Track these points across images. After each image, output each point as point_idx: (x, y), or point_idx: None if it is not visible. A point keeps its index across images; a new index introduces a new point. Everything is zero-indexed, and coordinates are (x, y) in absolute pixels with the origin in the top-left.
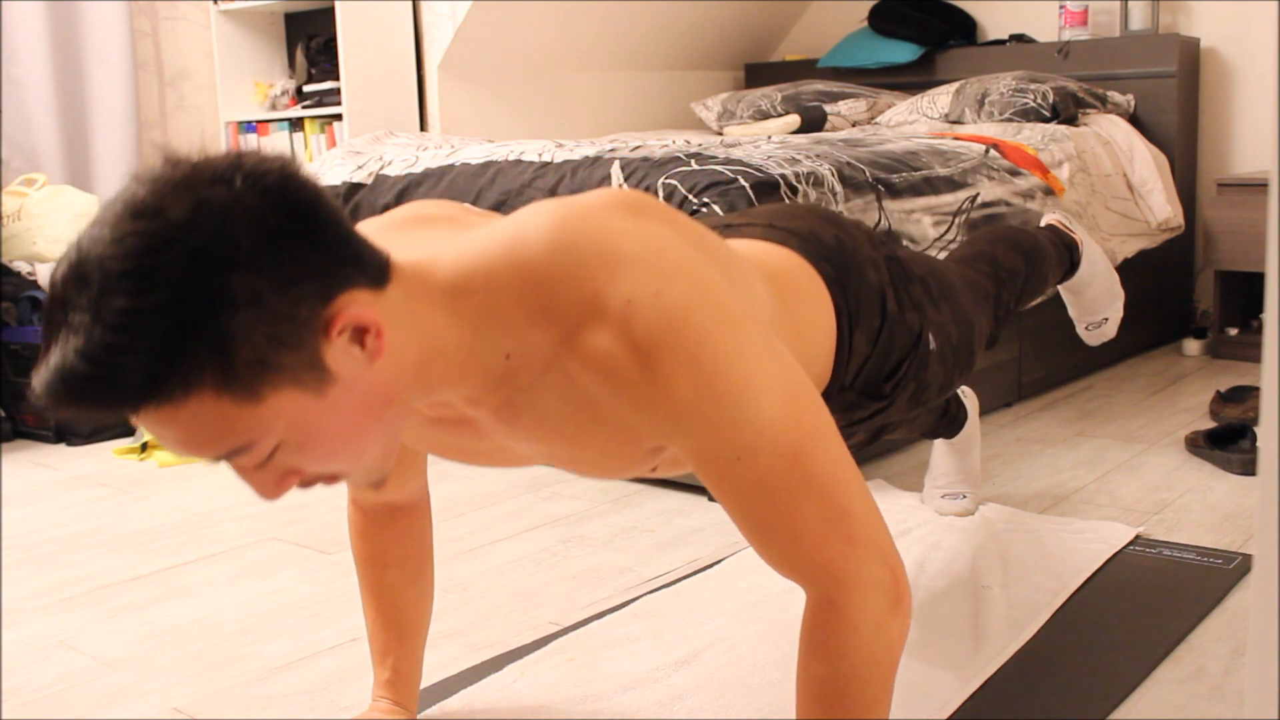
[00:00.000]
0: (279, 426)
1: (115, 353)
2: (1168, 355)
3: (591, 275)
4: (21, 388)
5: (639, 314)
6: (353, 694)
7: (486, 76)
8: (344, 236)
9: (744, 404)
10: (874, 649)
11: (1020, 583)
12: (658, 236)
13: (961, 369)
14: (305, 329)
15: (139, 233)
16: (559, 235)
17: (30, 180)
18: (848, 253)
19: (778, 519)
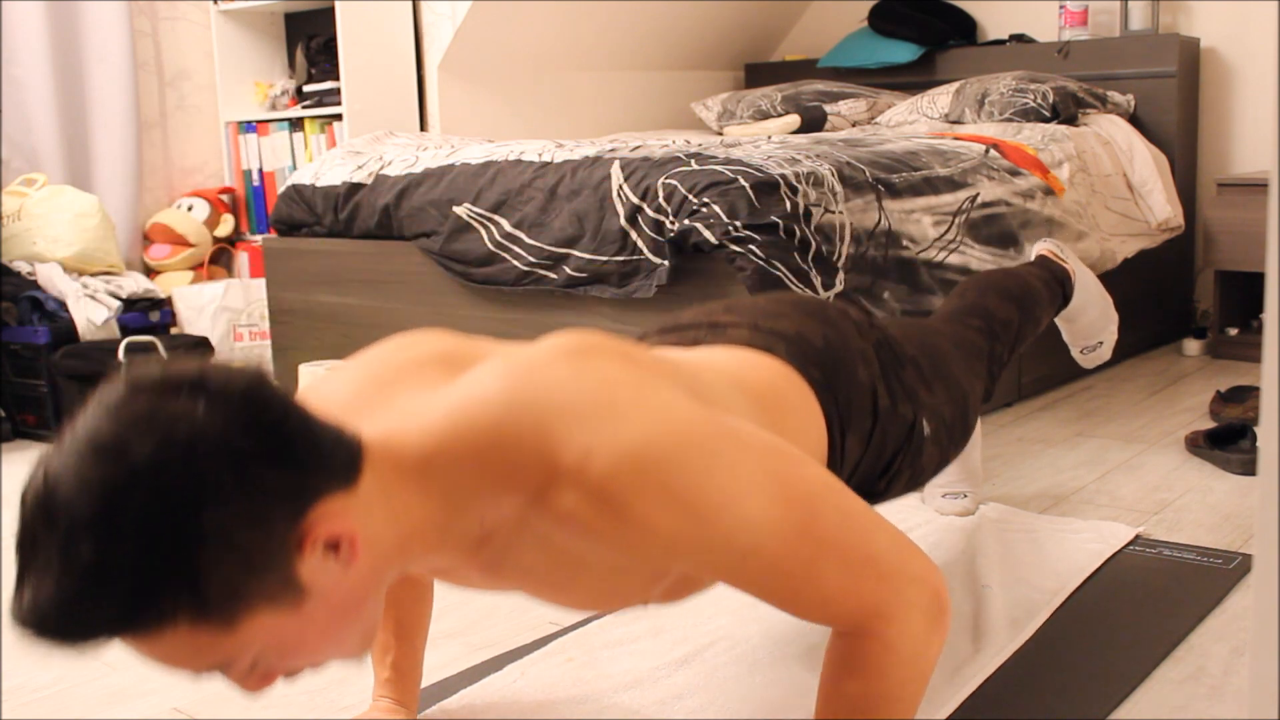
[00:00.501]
0: (256, 644)
1: (84, 600)
2: (1168, 355)
3: (547, 434)
4: (21, 388)
5: (598, 463)
6: (353, 694)
7: (486, 76)
8: (314, 443)
9: (730, 514)
10: (914, 667)
11: (1019, 582)
12: (608, 378)
13: (957, 444)
14: (277, 552)
15: (101, 476)
16: (511, 398)
17: (30, 180)
18: (836, 353)
19: (802, 591)
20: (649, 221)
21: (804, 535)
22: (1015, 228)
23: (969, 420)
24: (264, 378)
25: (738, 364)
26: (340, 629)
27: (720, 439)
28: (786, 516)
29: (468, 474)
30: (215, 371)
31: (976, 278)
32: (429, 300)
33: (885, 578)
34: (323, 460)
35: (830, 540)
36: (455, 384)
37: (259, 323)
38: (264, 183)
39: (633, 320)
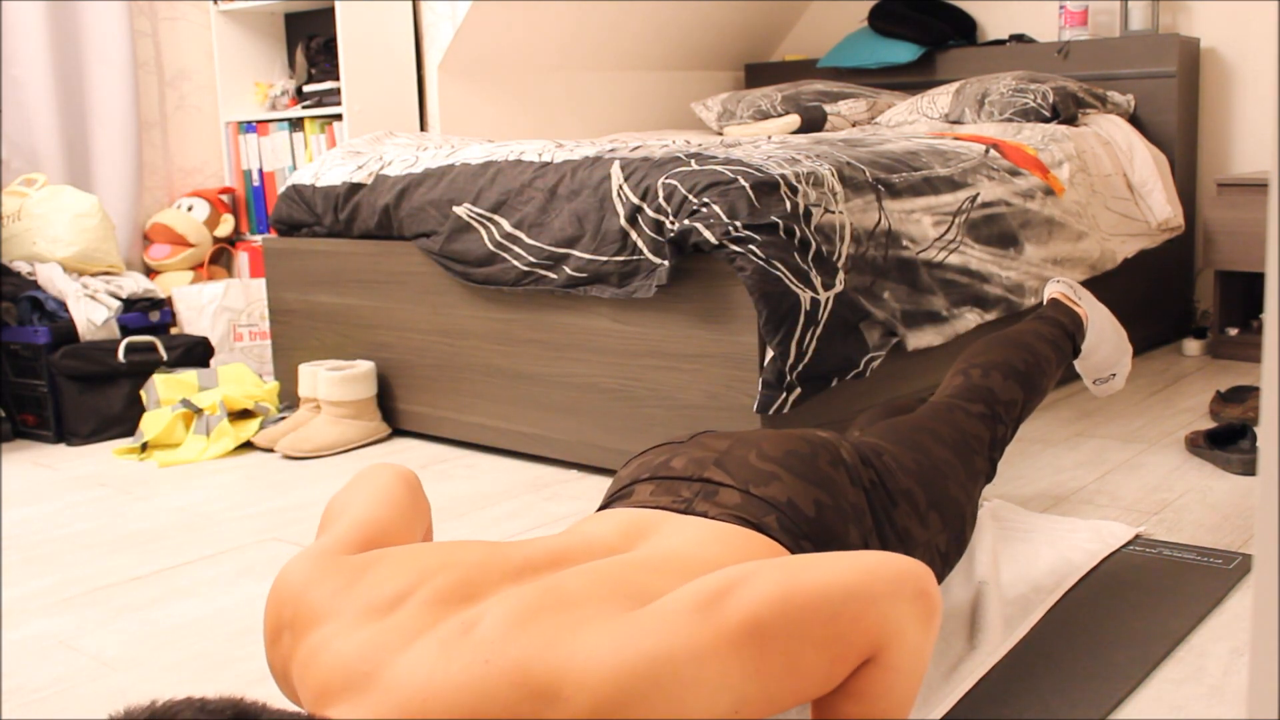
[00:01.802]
0: None
1: None
2: (1168, 355)
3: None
4: (21, 388)
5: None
6: None
7: (486, 76)
8: None
9: (694, 709)
10: (913, 676)
11: (1017, 581)
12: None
13: (951, 565)
14: None
15: None
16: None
17: (30, 180)
18: (829, 520)
19: (801, 686)
20: (649, 221)
21: (768, 656)
22: (1015, 228)
23: (965, 537)
24: (246, 711)
25: (723, 548)
26: None
27: (657, 649)
28: (744, 662)
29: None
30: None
31: (982, 348)
32: (429, 300)
33: (864, 616)
34: None
35: (794, 638)
36: (421, 665)
37: (259, 323)
38: (264, 183)
39: (632, 320)
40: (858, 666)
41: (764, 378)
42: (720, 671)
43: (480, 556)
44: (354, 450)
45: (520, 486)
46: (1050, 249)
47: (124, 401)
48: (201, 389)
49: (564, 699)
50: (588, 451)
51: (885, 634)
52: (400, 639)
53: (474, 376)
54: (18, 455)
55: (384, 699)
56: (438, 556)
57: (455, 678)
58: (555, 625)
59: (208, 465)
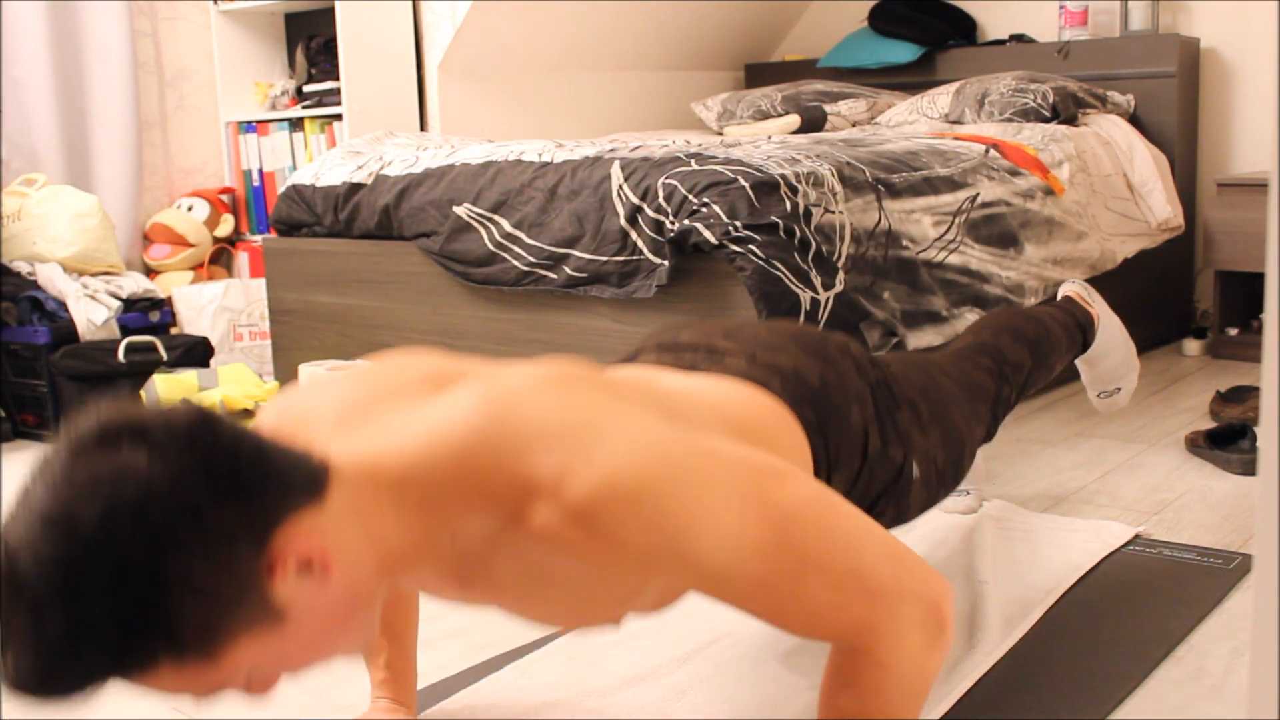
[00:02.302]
0: (245, 666)
1: (63, 665)
2: (1168, 355)
3: (523, 456)
4: (21, 388)
5: (572, 484)
6: (352, 694)
7: (486, 76)
8: (270, 472)
9: (705, 535)
10: (910, 685)
11: (1015, 580)
12: (585, 404)
13: (947, 487)
14: (248, 583)
15: (55, 550)
16: (487, 421)
17: (30, 180)
18: (832, 394)
19: (788, 608)
20: (649, 221)
21: (784, 552)
22: (1015, 228)
23: (962, 465)
24: (206, 415)
25: (727, 396)
26: (330, 640)
27: (697, 460)
28: (765, 535)
29: (443, 493)
30: (155, 419)
31: (994, 315)
32: (429, 300)
33: (875, 594)
34: (281, 485)
35: (812, 557)
36: (433, 404)
37: (259, 323)
38: (264, 183)
39: (633, 320)
40: (855, 654)
41: None
42: (739, 526)
43: (461, 360)
44: None
45: None
46: (1050, 249)
47: None
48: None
49: (585, 460)
50: None
51: (886, 625)
52: (403, 400)
53: None
54: (18, 455)
55: (387, 432)
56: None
57: (469, 417)
58: (590, 394)
59: None
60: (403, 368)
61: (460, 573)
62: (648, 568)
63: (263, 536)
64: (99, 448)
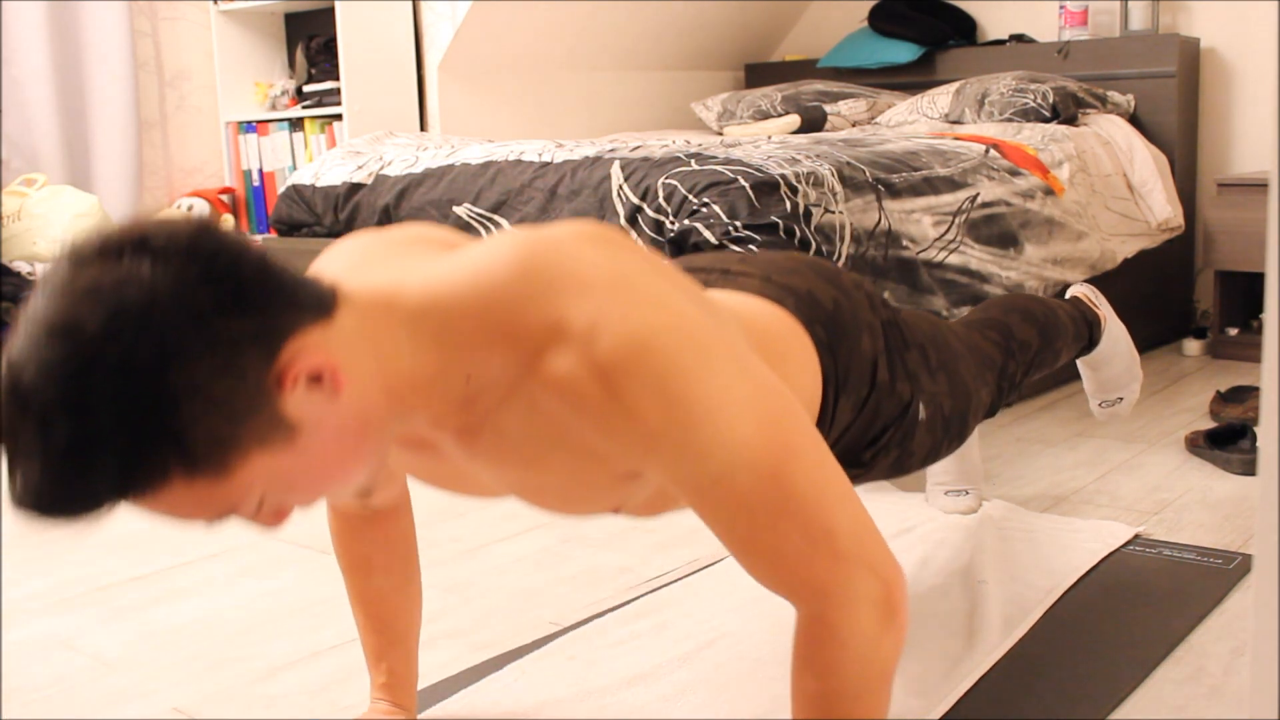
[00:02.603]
0: (258, 485)
1: (74, 478)
2: (1168, 355)
3: (555, 299)
4: None
5: (603, 337)
6: (353, 694)
7: (486, 76)
8: (274, 284)
9: (716, 428)
10: (866, 664)
11: (1015, 580)
12: (625, 265)
13: (952, 439)
14: (257, 395)
15: (61, 356)
16: (525, 260)
17: (30, 180)
18: (844, 318)
19: (760, 539)
20: (649, 221)
21: (776, 480)
22: (1015, 228)
23: (967, 419)
24: (209, 225)
25: (744, 306)
26: (339, 462)
27: (727, 353)
28: (766, 455)
29: (466, 327)
30: (157, 228)
31: (1003, 297)
32: None
33: (840, 558)
34: (287, 298)
35: (799, 497)
36: (467, 248)
37: None
38: (264, 183)
39: None
40: (809, 628)
41: None
42: (745, 435)
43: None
44: None
45: None
46: (1050, 249)
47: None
48: None
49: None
50: None
51: (842, 591)
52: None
53: None
54: None
55: (412, 270)
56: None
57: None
58: (632, 255)
59: None
60: (420, 232)
61: (467, 422)
62: (649, 446)
63: (271, 347)
64: (101, 258)
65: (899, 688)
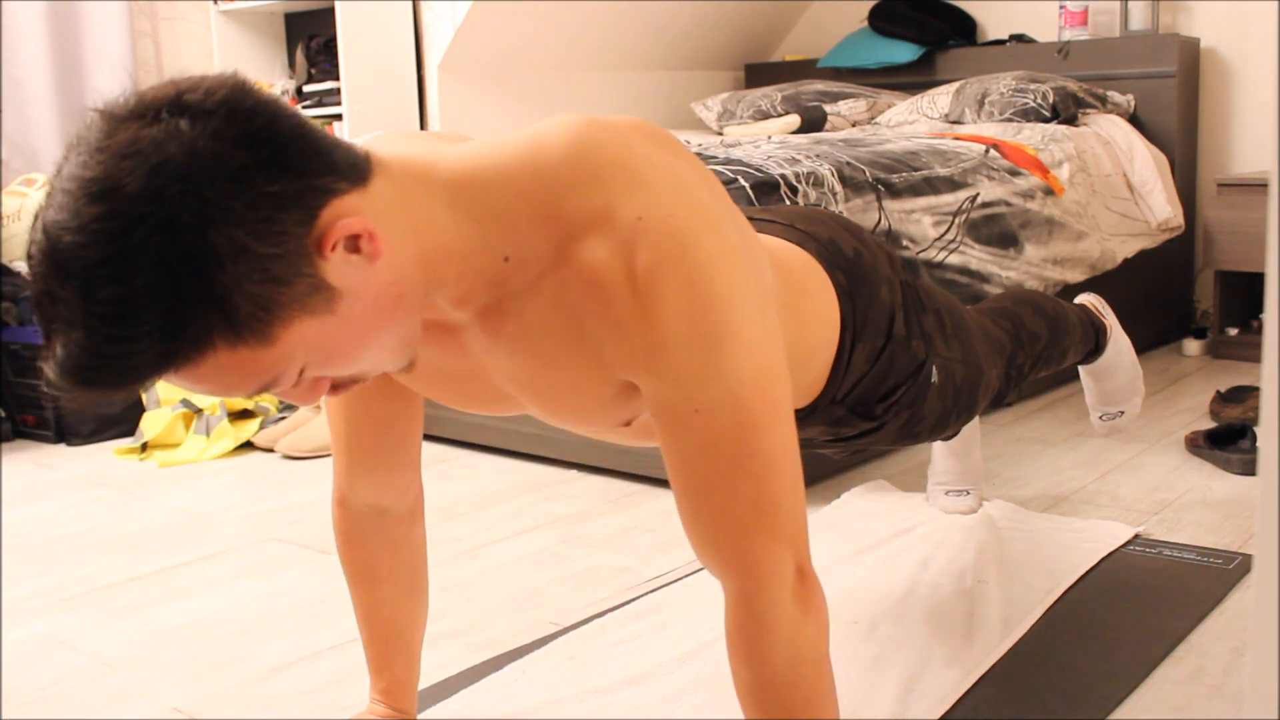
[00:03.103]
0: (300, 353)
1: (117, 342)
2: (1168, 355)
3: (605, 186)
4: (21, 388)
5: (647, 232)
6: (353, 694)
7: (486, 76)
8: (311, 147)
9: (722, 353)
10: (795, 649)
11: (1015, 580)
12: (679, 169)
13: (961, 412)
14: (298, 258)
15: (102, 216)
16: (580, 143)
17: (30, 180)
18: (865, 267)
19: (713, 488)
20: None
21: (751, 433)
22: (1015, 228)
23: (977, 394)
24: (244, 85)
25: (771, 245)
26: (379, 331)
27: (753, 288)
28: (753, 400)
29: (508, 202)
30: (192, 87)
31: (1014, 290)
32: None
33: (775, 537)
34: (325, 161)
35: (762, 458)
36: (519, 131)
37: None
38: None
39: None
40: (734, 612)
41: None
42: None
43: None
44: None
45: (520, 486)
46: (1050, 249)
47: (124, 401)
48: None
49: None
50: (588, 451)
51: (768, 569)
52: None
53: None
54: (18, 455)
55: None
56: None
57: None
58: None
59: (208, 465)
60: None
61: (494, 301)
62: (653, 354)
63: (310, 211)
64: (137, 118)
65: (899, 688)
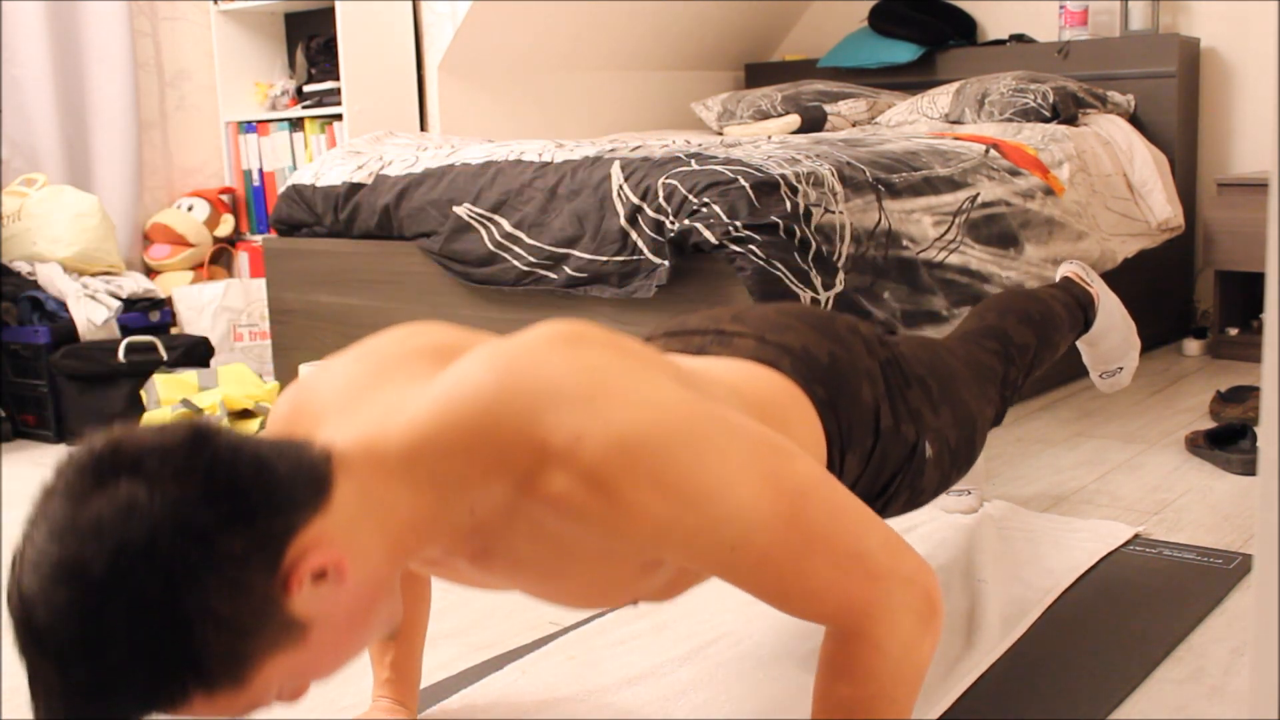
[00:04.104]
0: (276, 684)
1: (97, 711)
2: (1168, 355)
3: (537, 419)
4: (21, 388)
5: (588, 447)
6: (352, 694)
7: (486, 76)
8: (271, 483)
9: (719, 502)
10: (903, 670)
11: (1015, 580)
12: (598, 365)
13: (960, 468)
14: (265, 604)
15: (71, 599)
16: (500, 385)
17: (30, 180)
18: (842, 371)
19: (790, 584)
20: (649, 221)
21: (792, 527)
22: (1015, 228)
23: (975, 445)
24: (200, 434)
25: (739, 374)
26: (355, 638)
27: (712, 426)
28: (775, 508)
29: (456, 462)
30: (149, 446)
31: (997, 298)
32: (429, 300)
33: (874, 577)
34: (286, 498)
35: (819, 534)
36: (442, 375)
37: (259, 323)
38: (264, 183)
39: (633, 320)
40: (850, 640)
41: None
42: (752, 497)
43: (464, 332)
44: None
45: None
46: (1050, 249)
47: (124, 402)
48: (201, 389)
49: (602, 419)
50: None
51: (882, 607)
52: (409, 375)
53: None
54: (18, 455)
55: (394, 410)
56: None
57: (483, 378)
58: (608, 353)
59: None
60: (408, 341)
61: (479, 548)
62: (660, 538)
63: (275, 555)
64: (97, 487)
65: None
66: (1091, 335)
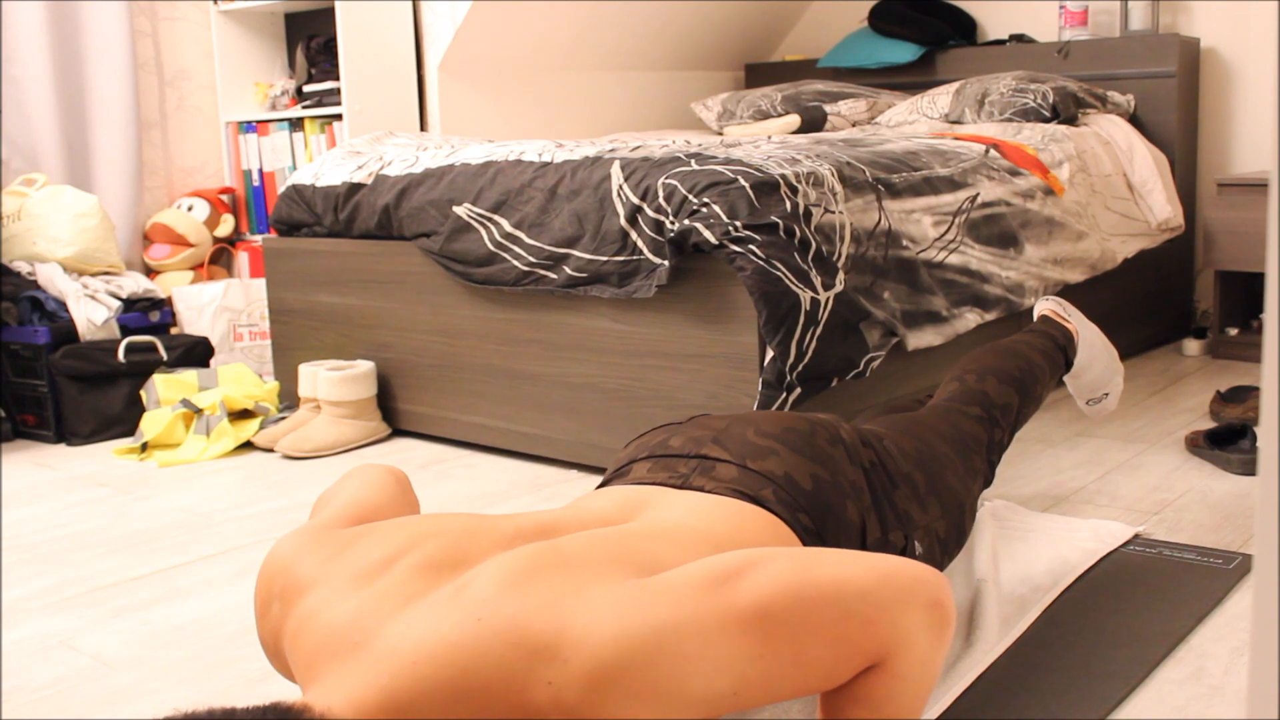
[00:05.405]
0: None
1: None
2: (1168, 355)
3: (509, 676)
4: (21, 388)
5: (569, 695)
6: None
7: (486, 76)
8: None
9: (701, 681)
10: (921, 686)
11: (1016, 580)
12: (556, 598)
13: (951, 553)
14: None
15: None
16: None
17: (30, 180)
18: (825, 495)
19: (809, 677)
20: (649, 221)
21: (772, 641)
22: (1015, 228)
23: (964, 529)
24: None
25: (720, 517)
26: None
27: (663, 614)
28: (746, 643)
29: (437, 712)
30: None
31: (975, 357)
32: (429, 300)
33: (873, 621)
34: None
35: (800, 627)
36: (412, 627)
37: (259, 323)
38: (264, 183)
39: (632, 320)
40: (865, 669)
41: (764, 378)
42: (724, 652)
43: (469, 525)
44: (354, 450)
45: (520, 486)
46: (1050, 249)
47: (124, 401)
48: (201, 389)
49: (561, 659)
50: (588, 451)
51: (894, 641)
52: (390, 605)
53: (474, 376)
54: (18, 455)
55: (375, 665)
56: (426, 525)
57: (447, 638)
58: (554, 585)
59: (208, 465)
60: (411, 544)
61: None
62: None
63: None
64: None
65: None
66: (1074, 370)
